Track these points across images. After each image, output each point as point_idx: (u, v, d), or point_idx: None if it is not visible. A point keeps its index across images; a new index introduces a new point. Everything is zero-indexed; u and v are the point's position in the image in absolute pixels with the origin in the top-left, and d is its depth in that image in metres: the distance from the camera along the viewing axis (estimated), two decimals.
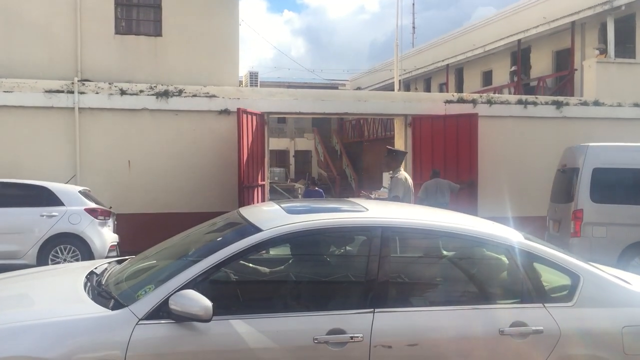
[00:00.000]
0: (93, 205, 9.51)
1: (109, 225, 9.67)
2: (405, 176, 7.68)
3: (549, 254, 3.52)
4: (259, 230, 3.32)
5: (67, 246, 9.16)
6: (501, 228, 3.76)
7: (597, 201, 8.68)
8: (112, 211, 9.99)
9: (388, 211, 4.10)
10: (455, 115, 12.94)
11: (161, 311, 2.97)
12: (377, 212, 3.82)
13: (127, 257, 4.29)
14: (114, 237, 9.80)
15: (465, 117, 12.79)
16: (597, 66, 14.44)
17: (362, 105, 13.28)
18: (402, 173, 7.66)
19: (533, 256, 3.49)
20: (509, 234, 3.64)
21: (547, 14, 16.81)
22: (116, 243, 9.77)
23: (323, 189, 18.68)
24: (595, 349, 3.29)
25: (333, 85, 33.04)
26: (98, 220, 9.36)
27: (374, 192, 17.31)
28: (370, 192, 17.52)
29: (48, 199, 9.24)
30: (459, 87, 23.23)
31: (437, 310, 3.32)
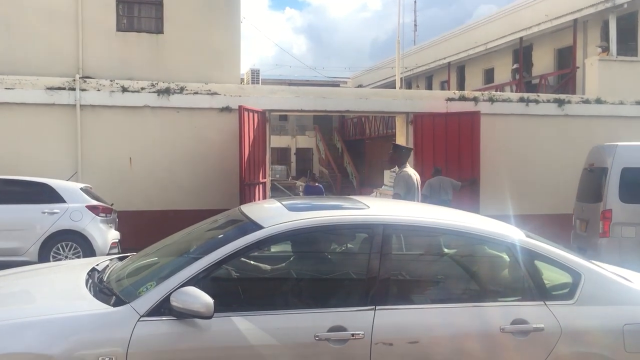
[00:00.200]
0: (94, 202, 9.51)
1: (110, 223, 9.68)
2: (410, 173, 7.24)
3: (550, 252, 3.52)
4: (260, 228, 3.32)
5: (68, 243, 9.15)
6: (502, 225, 3.76)
7: (627, 201, 8.56)
8: (114, 208, 10.00)
9: (389, 209, 4.10)
10: (457, 113, 12.92)
11: (163, 308, 2.98)
12: (378, 209, 3.83)
13: (128, 254, 4.30)
14: (116, 234, 9.81)
15: (467, 114, 12.76)
16: (599, 64, 14.40)
17: (364, 102, 13.26)
18: (406, 170, 7.29)
19: (534, 254, 3.49)
20: (510, 231, 3.64)
21: (549, 11, 16.77)
22: (117, 240, 9.77)
23: (324, 186, 18.74)
24: (596, 347, 3.29)
25: (334, 83, 33.05)
26: (99, 217, 9.36)
27: (375, 190, 17.33)
28: (371, 190, 17.54)
29: (49, 196, 9.24)
30: (461, 85, 23.19)
31: (438, 308, 3.32)
